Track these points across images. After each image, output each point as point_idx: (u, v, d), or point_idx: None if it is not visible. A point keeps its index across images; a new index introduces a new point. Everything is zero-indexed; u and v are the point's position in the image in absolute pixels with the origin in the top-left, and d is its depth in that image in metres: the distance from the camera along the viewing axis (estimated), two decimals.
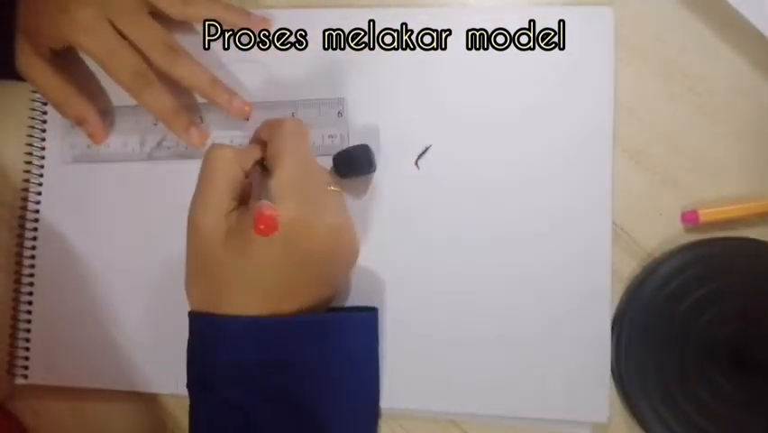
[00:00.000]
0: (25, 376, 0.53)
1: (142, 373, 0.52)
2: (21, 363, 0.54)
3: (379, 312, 0.50)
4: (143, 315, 0.53)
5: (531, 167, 0.51)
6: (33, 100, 0.55)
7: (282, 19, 0.53)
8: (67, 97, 0.52)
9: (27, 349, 0.54)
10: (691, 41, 0.51)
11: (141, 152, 0.54)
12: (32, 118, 0.55)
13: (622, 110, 0.51)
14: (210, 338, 0.44)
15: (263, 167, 0.48)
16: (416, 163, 0.51)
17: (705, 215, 0.49)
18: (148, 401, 0.53)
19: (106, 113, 0.54)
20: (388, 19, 0.53)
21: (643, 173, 0.50)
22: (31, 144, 0.55)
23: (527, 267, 0.50)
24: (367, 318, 0.49)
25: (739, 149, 0.50)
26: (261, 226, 0.40)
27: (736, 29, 0.50)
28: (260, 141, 0.48)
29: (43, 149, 0.55)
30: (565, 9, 0.51)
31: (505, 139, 0.51)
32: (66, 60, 0.53)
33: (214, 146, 0.46)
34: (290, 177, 0.45)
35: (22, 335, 0.54)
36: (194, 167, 0.52)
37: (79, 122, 0.53)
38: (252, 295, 0.44)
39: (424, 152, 0.51)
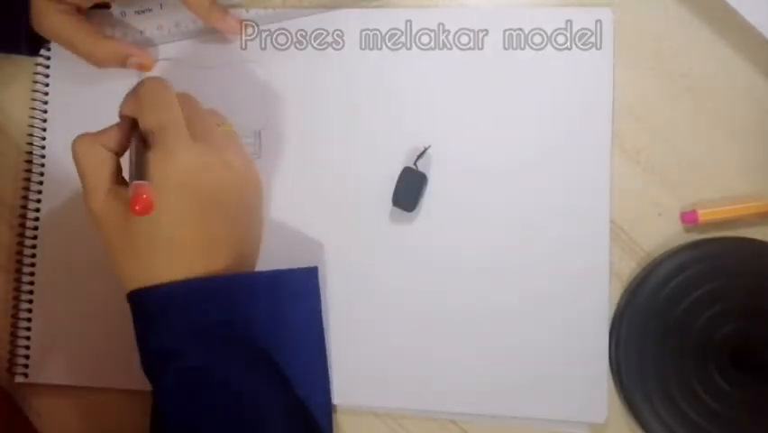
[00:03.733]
0: (25, 375, 0.53)
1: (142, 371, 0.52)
2: (21, 361, 0.54)
3: (381, 312, 0.51)
4: None
5: (529, 167, 0.51)
6: (34, 99, 0.55)
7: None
8: (99, 44, 0.52)
9: (27, 348, 0.54)
10: (690, 41, 0.51)
11: None
12: (33, 117, 0.55)
13: (621, 110, 0.51)
14: (161, 310, 0.45)
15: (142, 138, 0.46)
16: (415, 164, 0.51)
17: (704, 215, 0.49)
18: (148, 399, 0.53)
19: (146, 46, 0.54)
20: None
21: (642, 173, 0.50)
22: (31, 144, 0.55)
23: (526, 267, 0.50)
24: (309, 275, 0.50)
25: (738, 149, 0.50)
26: (137, 207, 0.41)
27: (735, 29, 0.50)
28: (125, 116, 0.47)
29: (44, 147, 0.55)
30: (564, 10, 0.51)
31: (502, 139, 0.51)
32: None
33: (75, 139, 0.46)
34: (173, 133, 0.44)
35: (22, 333, 0.54)
36: None
37: (122, 61, 0.52)
38: (178, 258, 0.45)
39: (422, 154, 0.51)
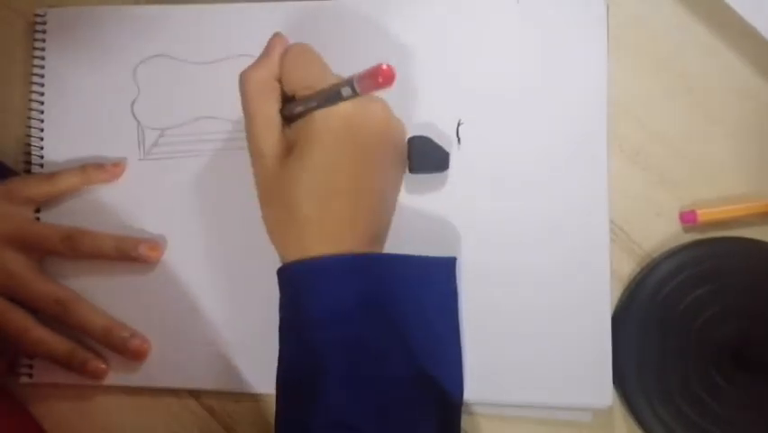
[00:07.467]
0: (30, 375, 0.53)
1: (146, 368, 0.52)
2: (25, 362, 0.53)
3: None
4: (145, 311, 0.53)
5: (528, 168, 0.51)
6: (31, 100, 0.55)
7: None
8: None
9: None
10: (689, 41, 0.51)
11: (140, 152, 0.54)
12: (31, 109, 0.55)
13: (620, 110, 0.51)
14: (305, 284, 0.43)
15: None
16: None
17: (703, 215, 0.49)
18: (152, 398, 0.53)
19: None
20: None
21: (641, 173, 0.51)
22: (29, 144, 0.55)
23: (527, 265, 0.50)
24: (450, 264, 0.48)
25: (737, 149, 0.50)
26: (380, 79, 0.39)
27: (733, 28, 0.50)
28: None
29: (42, 148, 0.55)
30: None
31: (500, 140, 0.51)
32: None
33: (244, 73, 0.44)
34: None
35: None
36: (191, 164, 0.53)
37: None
38: (326, 227, 0.42)
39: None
